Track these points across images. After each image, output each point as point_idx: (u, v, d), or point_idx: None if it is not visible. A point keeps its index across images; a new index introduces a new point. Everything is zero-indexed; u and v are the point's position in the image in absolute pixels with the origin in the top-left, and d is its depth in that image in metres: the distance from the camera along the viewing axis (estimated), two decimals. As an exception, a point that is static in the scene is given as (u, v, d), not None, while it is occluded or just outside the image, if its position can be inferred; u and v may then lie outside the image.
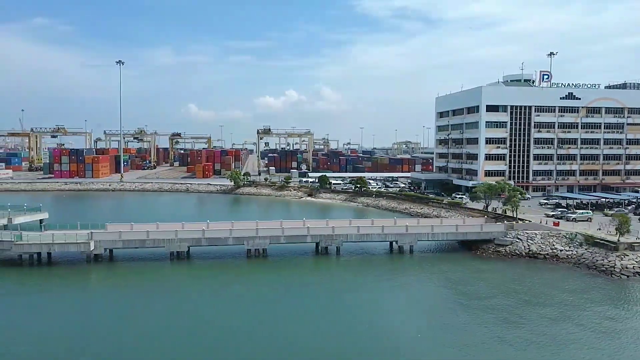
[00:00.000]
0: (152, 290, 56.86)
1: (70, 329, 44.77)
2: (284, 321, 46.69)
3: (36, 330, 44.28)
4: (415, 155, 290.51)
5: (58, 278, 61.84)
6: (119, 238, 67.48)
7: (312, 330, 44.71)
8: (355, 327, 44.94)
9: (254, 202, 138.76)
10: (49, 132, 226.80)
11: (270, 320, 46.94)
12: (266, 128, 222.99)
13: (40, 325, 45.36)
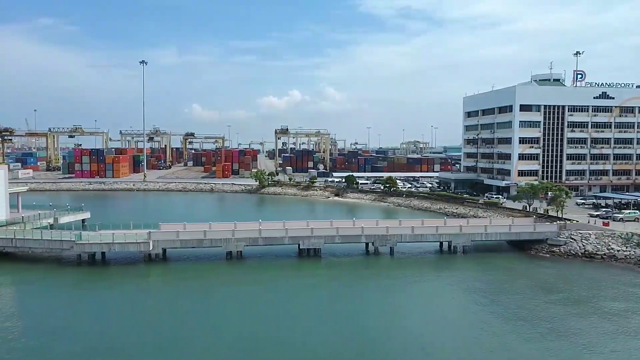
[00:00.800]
0: (213, 289, 57.06)
1: (138, 326, 45.37)
2: (345, 320, 46.81)
3: (109, 327, 44.72)
4: (425, 155, 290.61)
5: (121, 277, 61.92)
6: (176, 237, 67.46)
7: (375, 329, 44.63)
8: (427, 327, 45.05)
9: (281, 202, 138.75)
10: (67, 132, 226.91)
11: (332, 319, 47.04)
12: (284, 128, 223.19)
13: (109, 323, 45.72)
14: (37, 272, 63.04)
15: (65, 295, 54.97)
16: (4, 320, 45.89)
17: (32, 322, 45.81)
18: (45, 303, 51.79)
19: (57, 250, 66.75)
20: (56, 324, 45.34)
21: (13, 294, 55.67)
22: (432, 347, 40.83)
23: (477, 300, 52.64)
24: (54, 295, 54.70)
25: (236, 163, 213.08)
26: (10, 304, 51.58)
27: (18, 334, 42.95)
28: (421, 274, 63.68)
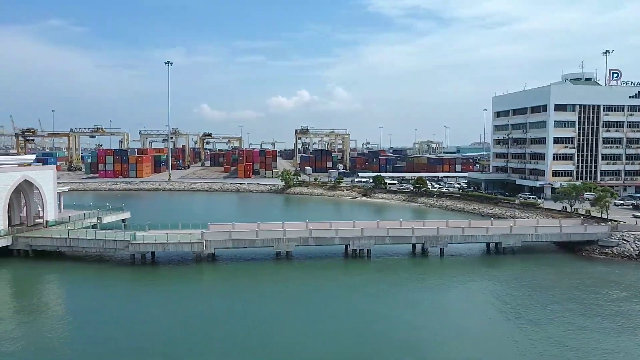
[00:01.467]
0: (266, 289, 56.97)
1: (202, 325, 45.46)
2: (398, 320, 46.80)
3: (169, 325, 44.93)
4: (440, 154, 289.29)
5: (176, 277, 61.96)
6: (228, 237, 67.46)
7: (428, 328, 44.53)
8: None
9: (308, 202, 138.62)
10: (88, 132, 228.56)
11: (384, 319, 46.78)
12: (304, 128, 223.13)
13: (171, 321, 45.85)
14: (93, 271, 63.53)
15: (127, 294, 55.26)
16: (71, 319, 46.28)
17: (97, 319, 46.28)
18: (110, 301, 52.05)
19: (110, 250, 66.99)
20: (122, 322, 46.03)
21: (78, 293, 55.70)
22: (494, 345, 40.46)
23: (550, 298, 52.16)
24: (116, 294, 54.92)
25: (257, 163, 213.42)
26: (76, 304, 51.73)
27: (87, 335, 43.15)
28: (476, 274, 63.32)
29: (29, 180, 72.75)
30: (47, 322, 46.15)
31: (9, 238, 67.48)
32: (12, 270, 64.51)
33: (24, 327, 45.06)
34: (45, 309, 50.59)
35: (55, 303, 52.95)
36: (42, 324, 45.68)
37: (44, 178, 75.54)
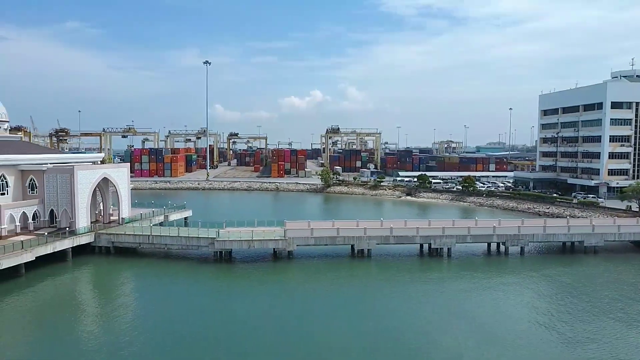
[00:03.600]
0: (350, 286, 56.39)
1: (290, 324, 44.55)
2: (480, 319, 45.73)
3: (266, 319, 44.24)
4: (462, 154, 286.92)
5: (264, 274, 61.32)
6: (310, 235, 67.06)
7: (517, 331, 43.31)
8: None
9: (351, 201, 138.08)
10: (120, 132, 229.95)
11: (466, 318, 45.78)
12: (334, 127, 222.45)
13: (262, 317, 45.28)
14: (177, 268, 63.19)
15: (214, 291, 55.08)
16: (158, 316, 46.17)
17: (185, 316, 46.11)
18: (199, 298, 51.94)
19: (193, 247, 66.90)
20: (211, 318, 45.90)
21: (164, 290, 55.56)
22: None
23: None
24: (204, 290, 54.88)
25: (288, 162, 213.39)
26: (164, 300, 51.61)
27: (181, 333, 42.96)
28: (567, 273, 62.13)
29: (107, 178, 72.99)
30: (130, 319, 45.80)
31: (92, 235, 67.68)
32: (95, 266, 64.67)
33: (107, 323, 45.17)
34: (130, 305, 50.46)
35: (140, 300, 52.38)
36: (125, 321, 45.32)
37: (120, 176, 75.76)
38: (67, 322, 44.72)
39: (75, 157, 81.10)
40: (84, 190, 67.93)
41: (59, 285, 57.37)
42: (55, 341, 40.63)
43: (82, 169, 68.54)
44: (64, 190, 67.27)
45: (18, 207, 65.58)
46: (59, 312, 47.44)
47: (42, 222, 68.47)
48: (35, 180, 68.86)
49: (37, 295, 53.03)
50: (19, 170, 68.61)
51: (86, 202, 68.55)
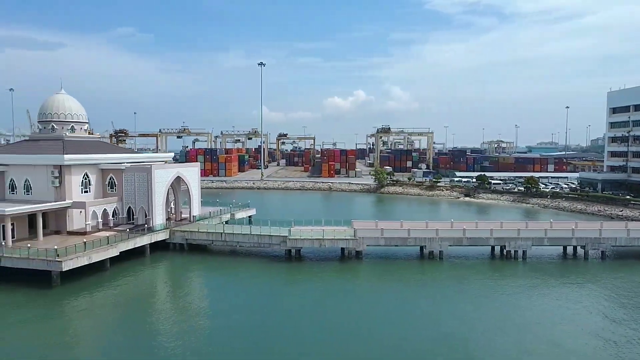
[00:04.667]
0: (422, 288, 55.15)
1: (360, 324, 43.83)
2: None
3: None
4: (515, 154, 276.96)
5: (333, 273, 61.33)
6: (381, 235, 66.54)
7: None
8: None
9: (406, 202, 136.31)
10: (175, 132, 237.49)
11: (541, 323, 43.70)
12: (385, 127, 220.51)
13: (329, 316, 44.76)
14: (249, 265, 64.10)
15: (286, 289, 55.33)
16: (232, 313, 46.69)
17: (257, 313, 46.34)
18: (272, 296, 52.31)
19: (265, 245, 67.86)
20: (280, 316, 45.87)
21: (238, 287, 56.48)
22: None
23: None
24: (277, 288, 55.25)
25: (337, 162, 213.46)
26: (238, 297, 52.41)
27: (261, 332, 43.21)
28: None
29: (180, 177, 75.28)
30: (207, 314, 46.77)
31: (167, 232, 69.95)
32: (170, 262, 66.72)
33: (183, 316, 46.25)
34: (206, 300, 51.67)
35: (216, 295, 53.31)
36: (199, 317, 46.14)
37: (192, 175, 78.01)
38: (146, 315, 46.44)
39: (148, 157, 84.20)
40: (160, 189, 70.35)
41: (139, 279, 59.69)
42: (134, 333, 42.02)
43: (158, 168, 71.04)
44: (141, 189, 69.90)
45: (100, 205, 68.68)
46: (140, 305, 49.43)
47: (121, 219, 71.37)
48: (114, 178, 71.95)
49: (121, 288, 55.29)
50: (100, 169, 71.88)
51: (162, 200, 70.96)
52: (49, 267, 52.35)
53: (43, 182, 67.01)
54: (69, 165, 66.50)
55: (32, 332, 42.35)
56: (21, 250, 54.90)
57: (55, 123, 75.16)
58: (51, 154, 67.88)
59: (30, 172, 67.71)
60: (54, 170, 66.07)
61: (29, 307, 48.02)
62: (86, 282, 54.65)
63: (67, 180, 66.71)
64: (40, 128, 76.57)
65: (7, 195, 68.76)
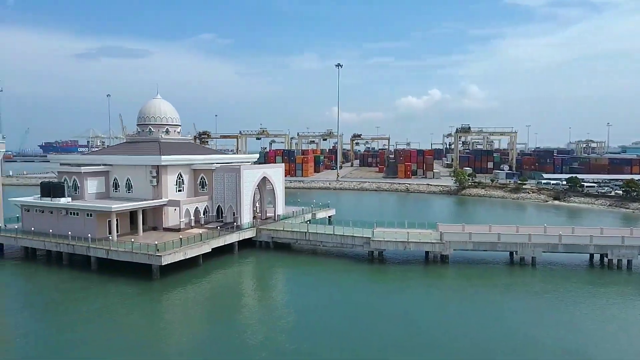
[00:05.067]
0: (514, 298, 51.62)
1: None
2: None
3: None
4: (607, 155, 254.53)
5: (418, 276, 60.13)
6: (468, 239, 64.24)
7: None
8: None
9: (488, 204, 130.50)
10: (254, 134, 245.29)
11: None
12: (465, 126, 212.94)
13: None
14: (332, 266, 64.51)
15: (369, 291, 54.72)
16: (312, 311, 46.58)
17: (339, 314, 45.70)
18: (354, 296, 51.90)
19: (348, 245, 68.11)
20: (360, 317, 44.66)
21: (322, 286, 56.87)
22: None
23: None
24: (358, 290, 54.81)
25: (414, 163, 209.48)
26: (321, 296, 52.61)
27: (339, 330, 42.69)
28: None
29: (266, 177, 77.61)
30: (291, 311, 47.37)
31: (254, 230, 72.35)
32: (257, 259, 68.87)
33: (267, 315, 47.13)
34: (291, 298, 52.57)
35: (301, 292, 54.24)
36: (285, 315, 46.87)
37: (277, 175, 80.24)
38: (235, 311, 48.23)
39: (236, 158, 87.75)
40: (248, 188, 72.98)
41: (228, 275, 62.31)
42: (223, 328, 43.62)
43: (246, 169, 73.77)
44: (230, 188, 72.89)
45: (192, 203, 72.54)
46: (229, 301, 51.63)
47: (210, 217, 74.88)
48: (205, 178, 75.67)
49: (212, 283, 58.00)
50: (192, 170, 75.93)
51: (249, 199, 73.58)
52: (150, 261, 56.09)
53: (142, 181, 72.02)
54: (165, 166, 70.92)
55: (135, 321, 45.76)
56: (126, 244, 59.35)
57: (152, 126, 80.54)
58: (149, 155, 72.77)
59: (131, 171, 73.07)
60: (152, 170, 70.79)
61: (133, 298, 51.71)
62: (182, 276, 57.87)
63: (164, 180, 71.17)
64: (139, 130, 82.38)
65: (111, 193, 74.65)
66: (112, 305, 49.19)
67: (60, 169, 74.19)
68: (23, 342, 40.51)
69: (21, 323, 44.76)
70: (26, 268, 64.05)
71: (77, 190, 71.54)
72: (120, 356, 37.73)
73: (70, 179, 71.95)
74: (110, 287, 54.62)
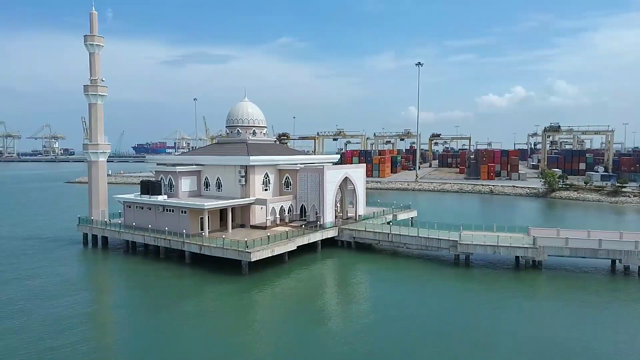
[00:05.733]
0: (615, 313, 47.34)
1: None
2: None
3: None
4: None
5: (510, 283, 57.13)
6: (564, 245, 60.23)
7: None
8: None
9: (581, 208, 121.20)
10: (331, 135, 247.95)
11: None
12: (554, 125, 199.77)
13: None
14: (416, 268, 63.46)
15: (454, 296, 52.76)
16: (389, 311, 45.35)
17: (421, 316, 44.02)
18: (439, 300, 50.23)
19: (433, 248, 66.65)
20: (446, 323, 42.58)
21: (405, 288, 56.03)
22: None
23: None
24: (444, 294, 53.08)
25: (498, 164, 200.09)
26: (402, 298, 51.52)
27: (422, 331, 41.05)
28: None
29: (348, 177, 78.09)
30: (374, 315, 46.64)
31: (336, 230, 73.06)
32: (339, 259, 69.37)
33: (350, 316, 47.02)
34: (374, 301, 51.65)
35: (384, 296, 53.18)
36: (369, 316, 46.47)
37: (358, 175, 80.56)
38: (318, 310, 48.75)
39: (318, 158, 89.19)
40: (330, 188, 73.87)
41: (312, 273, 63.32)
42: (307, 328, 44.11)
43: (330, 169, 74.74)
44: (313, 188, 74.18)
45: (277, 202, 74.70)
46: (313, 299, 52.32)
47: (294, 215, 76.64)
48: (289, 178, 77.62)
49: (297, 281, 59.29)
50: (277, 170, 78.22)
51: (332, 199, 74.44)
52: (240, 257, 58.55)
53: (232, 181, 75.37)
54: (253, 166, 73.70)
55: (225, 315, 47.82)
56: (217, 240, 62.44)
57: (240, 128, 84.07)
58: (238, 155, 76.01)
59: (221, 171, 76.74)
60: (241, 170, 73.87)
61: (224, 292, 54.21)
62: (268, 273, 59.78)
63: (251, 179, 73.98)
64: (227, 132, 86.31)
65: (202, 191, 78.92)
66: (206, 302, 51.65)
67: (157, 169, 79.61)
68: (128, 334, 43.80)
69: (127, 318, 48.03)
70: (128, 260, 69.37)
71: (172, 188, 76.42)
72: (217, 350, 39.31)
73: (166, 177, 77.04)
74: (203, 282, 57.68)
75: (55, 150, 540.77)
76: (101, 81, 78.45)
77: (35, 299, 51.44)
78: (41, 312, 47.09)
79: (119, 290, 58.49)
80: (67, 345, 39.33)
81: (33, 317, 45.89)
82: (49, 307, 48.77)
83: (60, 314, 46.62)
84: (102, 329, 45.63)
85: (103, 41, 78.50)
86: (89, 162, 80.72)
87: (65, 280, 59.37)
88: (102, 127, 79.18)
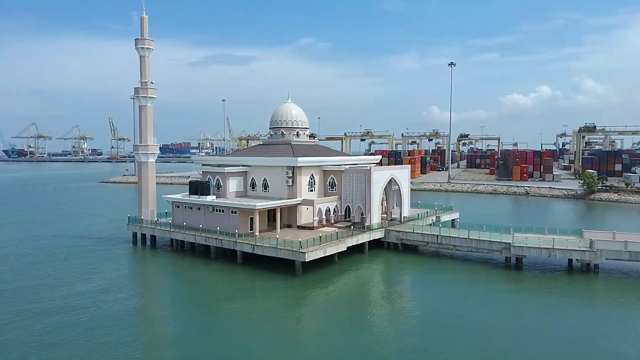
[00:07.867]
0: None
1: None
2: None
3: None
4: None
5: (566, 288, 56.34)
6: (624, 248, 59.02)
7: None
8: None
9: (622, 211, 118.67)
10: (359, 135, 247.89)
11: None
12: (589, 125, 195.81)
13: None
14: (465, 270, 62.99)
15: (504, 299, 52.14)
16: (434, 315, 44.94)
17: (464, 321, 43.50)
18: (490, 304, 49.65)
19: (484, 250, 66.10)
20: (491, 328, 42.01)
21: (452, 291, 55.59)
22: None
23: None
24: (494, 297, 52.48)
25: (530, 165, 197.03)
26: (448, 302, 51.12)
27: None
28: None
29: (393, 178, 78.03)
30: (423, 319, 46.34)
31: (383, 231, 73.08)
32: (386, 260, 69.42)
33: (399, 320, 46.66)
34: (424, 304, 51.10)
35: (434, 299, 52.54)
36: (418, 320, 46.34)
37: (403, 176, 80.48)
38: (367, 313, 48.68)
39: (360, 159, 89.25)
40: (376, 189, 73.95)
41: (361, 274, 63.52)
42: (356, 329, 44.06)
43: (376, 170, 74.82)
44: (359, 189, 74.36)
45: (323, 202, 75.13)
46: (363, 301, 52.77)
47: (339, 216, 76.92)
48: (334, 179, 77.95)
49: (347, 281, 59.66)
50: (322, 170, 78.64)
51: (378, 200, 74.52)
52: (294, 257, 59.08)
53: (278, 181, 76.08)
54: (300, 167, 74.24)
55: (280, 314, 48.13)
56: (270, 240, 63.13)
57: (284, 129, 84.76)
58: (284, 156, 76.67)
59: (268, 172, 77.51)
60: (287, 171, 74.51)
61: (277, 292, 54.75)
62: (320, 273, 60.14)
63: (298, 180, 74.53)
64: (271, 134, 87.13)
65: (248, 192, 79.86)
66: (259, 300, 52.40)
67: (204, 169, 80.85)
68: (179, 330, 44.47)
69: (180, 314, 48.89)
70: (178, 259, 70.50)
71: (219, 188, 77.52)
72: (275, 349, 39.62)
73: (214, 178, 78.19)
74: (255, 281, 58.45)
75: (84, 151, 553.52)
76: (151, 84, 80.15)
77: (91, 294, 52.90)
78: (92, 309, 48.32)
79: (171, 287, 59.72)
80: (118, 340, 40.57)
81: (88, 313, 47.23)
82: (102, 302, 50.24)
83: (113, 310, 48.00)
84: (155, 324, 46.94)
85: (153, 44, 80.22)
86: (138, 162, 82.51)
87: (120, 276, 61.34)
88: (152, 128, 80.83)
